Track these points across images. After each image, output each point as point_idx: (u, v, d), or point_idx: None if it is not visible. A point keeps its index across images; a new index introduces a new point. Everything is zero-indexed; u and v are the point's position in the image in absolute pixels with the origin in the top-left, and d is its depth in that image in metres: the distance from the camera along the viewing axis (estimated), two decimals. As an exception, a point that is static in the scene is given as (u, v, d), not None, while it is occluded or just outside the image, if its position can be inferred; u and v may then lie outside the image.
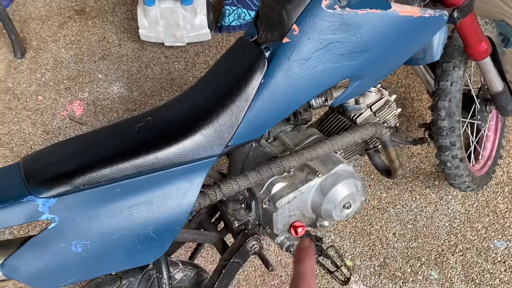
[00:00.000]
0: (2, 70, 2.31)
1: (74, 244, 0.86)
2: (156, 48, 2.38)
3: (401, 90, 2.15)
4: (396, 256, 1.70)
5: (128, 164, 0.90)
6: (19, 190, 0.83)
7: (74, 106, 2.17)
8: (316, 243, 1.23)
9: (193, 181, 0.97)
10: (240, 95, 0.96)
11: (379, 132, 1.19)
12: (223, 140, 0.98)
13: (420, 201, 1.83)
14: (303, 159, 1.10)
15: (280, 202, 1.15)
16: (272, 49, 0.96)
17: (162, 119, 0.98)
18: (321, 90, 1.02)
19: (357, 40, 0.98)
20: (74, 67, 2.32)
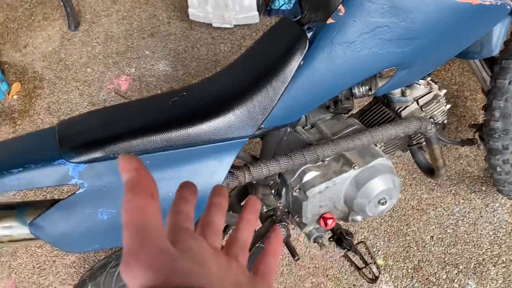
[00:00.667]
0: (56, 41, 2.39)
1: (101, 212, 0.87)
2: (204, 28, 2.37)
3: (454, 88, 2.03)
4: (432, 261, 1.62)
5: (160, 137, 0.89)
6: (52, 153, 0.84)
7: (120, 80, 2.22)
8: (346, 237, 1.18)
9: (222, 160, 0.95)
10: (277, 76, 0.92)
11: (424, 127, 1.12)
12: (256, 122, 0.95)
13: (464, 205, 1.72)
14: (339, 149, 1.06)
15: (312, 191, 1.11)
16: (315, 30, 0.92)
17: (196, 96, 0.97)
18: (363, 77, 0.97)
19: (407, 25, 0.92)
20: (123, 43, 2.36)
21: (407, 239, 1.67)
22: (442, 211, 1.72)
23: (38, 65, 2.31)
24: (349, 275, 1.61)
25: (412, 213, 1.73)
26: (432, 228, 1.69)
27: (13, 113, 2.15)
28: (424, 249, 1.65)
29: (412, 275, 1.60)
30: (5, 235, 0.85)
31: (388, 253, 1.65)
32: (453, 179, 1.79)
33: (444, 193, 1.76)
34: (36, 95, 2.20)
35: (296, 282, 1.62)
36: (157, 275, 0.27)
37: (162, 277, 0.27)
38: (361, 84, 1.15)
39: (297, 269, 1.64)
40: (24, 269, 1.71)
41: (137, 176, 0.30)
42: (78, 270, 1.71)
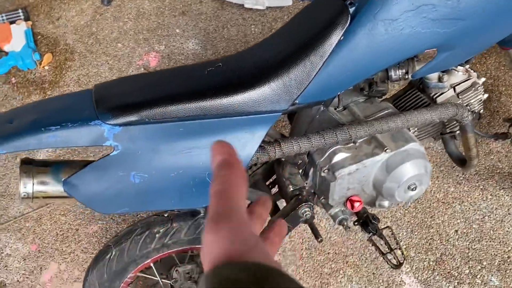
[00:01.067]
0: (89, 15, 2.42)
1: (133, 175, 0.88)
2: (235, 9, 2.36)
3: (489, 82, 1.98)
4: (455, 255, 1.59)
5: (194, 105, 0.89)
6: (88, 113, 0.85)
7: (150, 57, 2.23)
8: (372, 221, 1.17)
9: (254, 133, 0.95)
10: (315, 50, 0.91)
11: (461, 114, 1.09)
12: (291, 96, 0.94)
13: (492, 202, 1.68)
14: (372, 130, 1.04)
15: (341, 172, 1.10)
16: (357, 5, 0.90)
17: (232, 67, 0.96)
18: (404, 56, 0.95)
19: (454, 5, 0.89)
20: (154, 20, 2.37)
21: (431, 231, 1.65)
22: (468, 205, 1.69)
23: (70, 38, 2.34)
24: (369, 263, 1.60)
25: (438, 206, 1.70)
26: (457, 222, 1.66)
27: (44, 83, 2.18)
28: (447, 242, 1.62)
29: (434, 268, 1.57)
30: (40, 190, 0.86)
31: (410, 244, 1.63)
32: (482, 174, 1.75)
33: (472, 188, 1.72)
34: (66, 67, 2.23)
35: (314, 267, 1.61)
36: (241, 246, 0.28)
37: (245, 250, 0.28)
38: (398, 67, 1.12)
39: (317, 254, 1.64)
40: (48, 235, 1.75)
41: (233, 159, 0.33)
42: (100, 239, 1.74)
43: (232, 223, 0.29)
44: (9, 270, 1.68)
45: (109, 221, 1.76)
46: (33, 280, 1.65)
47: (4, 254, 1.71)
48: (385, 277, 1.57)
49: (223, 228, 0.29)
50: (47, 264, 1.68)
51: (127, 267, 1.15)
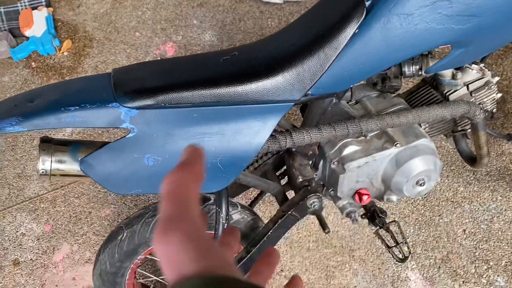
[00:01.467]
0: (109, 3, 2.45)
1: (147, 157, 0.91)
2: (253, 2, 2.38)
3: (504, 83, 1.97)
4: (462, 254, 1.60)
5: (208, 92, 0.91)
6: (106, 96, 0.88)
7: (166, 46, 2.26)
8: (379, 215, 1.18)
9: (266, 122, 0.96)
10: (330, 42, 0.92)
11: (473, 112, 1.10)
12: (304, 87, 0.95)
13: (501, 203, 1.68)
14: (383, 124, 1.05)
15: (350, 165, 1.11)
16: (373, -1, 0.91)
17: (247, 56, 0.98)
18: (417, 51, 0.96)
19: (469, 2, 0.89)
20: (172, 10, 2.39)
21: (438, 229, 1.65)
22: (477, 206, 1.68)
23: (89, 25, 2.38)
24: (375, 258, 1.61)
25: (446, 205, 1.70)
26: (465, 222, 1.66)
27: (62, 69, 2.22)
28: (454, 241, 1.62)
29: (440, 266, 1.58)
30: (58, 168, 0.90)
31: (417, 241, 1.63)
32: (493, 175, 1.74)
33: (482, 188, 1.72)
34: (85, 54, 2.27)
35: (321, 259, 1.63)
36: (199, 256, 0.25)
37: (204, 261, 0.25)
38: (412, 62, 1.13)
39: (324, 247, 1.65)
40: (62, 217, 1.80)
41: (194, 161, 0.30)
42: (112, 223, 1.78)
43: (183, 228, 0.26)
44: (23, 248, 1.73)
45: (121, 206, 1.80)
46: (45, 259, 1.70)
47: (19, 233, 1.76)
48: (391, 272, 1.58)
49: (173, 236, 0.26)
50: (59, 245, 1.73)
51: (137, 248, 1.19)
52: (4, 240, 1.74)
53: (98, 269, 1.22)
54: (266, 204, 1.76)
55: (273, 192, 1.28)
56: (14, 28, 2.30)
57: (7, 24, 2.31)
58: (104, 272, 1.21)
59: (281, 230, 1.20)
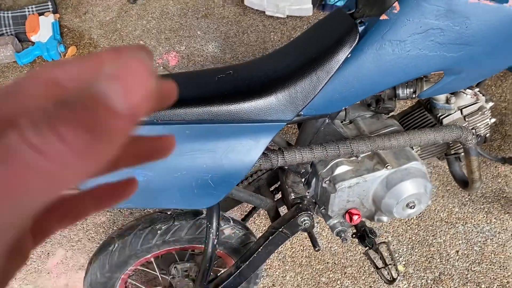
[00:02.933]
0: (114, 11, 2.48)
1: (138, 173, 0.92)
2: (257, 15, 2.40)
3: (503, 105, 1.97)
4: (454, 275, 1.59)
5: (202, 109, 0.92)
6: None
7: (170, 56, 2.28)
8: (369, 236, 1.19)
9: (258, 140, 0.98)
10: (323, 65, 0.94)
11: (465, 137, 1.11)
12: (296, 108, 0.97)
13: (495, 225, 1.68)
14: (374, 146, 1.06)
15: (341, 184, 1.12)
16: (367, 25, 0.93)
17: (242, 75, 1.00)
18: (409, 77, 0.97)
19: (461, 31, 0.91)
20: (177, 20, 2.42)
21: (431, 250, 1.65)
22: (471, 227, 1.68)
23: (95, 33, 2.41)
24: (367, 276, 1.61)
25: (440, 225, 1.70)
26: (458, 243, 1.66)
27: (66, 75, 2.25)
28: (447, 262, 1.62)
29: (431, 286, 1.58)
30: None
31: (410, 260, 1.63)
32: (488, 197, 1.74)
33: (476, 210, 1.72)
34: (89, 61, 2.30)
35: (313, 275, 1.63)
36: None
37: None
38: (406, 85, 1.14)
39: (316, 263, 1.66)
40: (58, 222, 1.81)
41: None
42: (107, 230, 1.79)
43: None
44: (18, 252, 1.74)
45: (116, 214, 1.81)
46: (39, 264, 1.71)
47: (15, 236, 1.78)
48: (382, 291, 1.58)
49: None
50: (54, 250, 1.74)
51: (128, 259, 1.20)
52: None
53: (89, 279, 1.23)
54: (261, 218, 1.77)
55: (265, 207, 1.29)
56: (20, 33, 2.34)
57: (14, 29, 2.34)
58: (95, 282, 1.22)
59: (272, 247, 1.21)
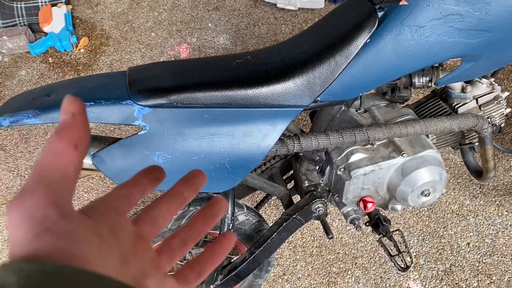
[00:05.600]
0: (126, 3, 2.50)
1: (157, 155, 0.93)
2: (268, 8, 2.40)
3: (515, 98, 1.96)
4: (465, 267, 1.59)
5: (220, 93, 0.93)
6: (121, 93, 0.90)
7: (181, 48, 2.29)
8: (383, 223, 1.19)
9: (275, 126, 0.98)
10: (341, 50, 0.94)
11: (481, 125, 1.11)
12: (314, 93, 0.97)
13: (507, 218, 1.68)
14: (390, 134, 1.07)
15: (356, 172, 1.12)
16: (386, 10, 0.93)
17: (260, 60, 1.00)
18: (427, 63, 0.97)
19: (481, 17, 0.91)
20: (188, 12, 2.43)
21: (442, 241, 1.65)
22: (483, 219, 1.68)
23: (107, 24, 2.42)
24: (378, 267, 1.62)
25: (451, 217, 1.70)
26: (469, 235, 1.66)
27: (78, 65, 2.27)
28: (458, 254, 1.62)
29: (442, 278, 1.58)
30: (71, 161, 0.92)
31: (420, 252, 1.64)
32: (500, 190, 1.74)
33: (488, 203, 1.72)
34: (101, 52, 2.31)
35: (323, 265, 1.64)
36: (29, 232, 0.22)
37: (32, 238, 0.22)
38: (422, 74, 1.14)
39: (327, 253, 1.66)
40: (70, 210, 1.83)
41: (70, 121, 0.26)
42: (119, 219, 1.80)
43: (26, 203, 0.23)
44: (32, 239, 1.76)
45: (128, 202, 1.83)
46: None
47: (28, 223, 1.79)
48: (392, 281, 1.58)
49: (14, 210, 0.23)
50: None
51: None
52: (13, 230, 1.78)
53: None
54: (272, 208, 1.78)
55: (279, 195, 1.30)
56: (33, 24, 2.35)
57: (27, 19, 2.36)
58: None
59: (285, 233, 1.21)
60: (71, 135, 0.26)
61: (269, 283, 1.61)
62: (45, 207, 0.23)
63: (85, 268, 0.21)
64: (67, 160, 0.25)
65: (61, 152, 0.25)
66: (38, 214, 0.23)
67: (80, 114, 0.26)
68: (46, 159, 0.25)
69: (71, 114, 0.26)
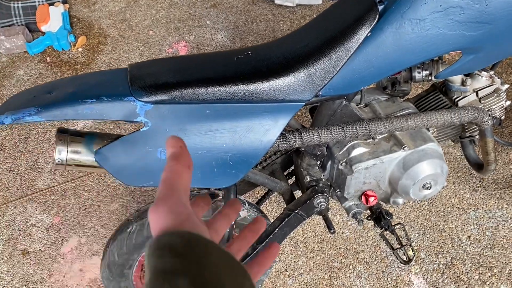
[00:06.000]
0: (124, 1, 2.49)
1: (160, 151, 0.93)
2: (266, 4, 2.40)
3: (514, 92, 1.97)
4: (466, 260, 1.60)
5: (222, 89, 0.93)
6: (123, 89, 0.90)
7: (179, 46, 2.29)
8: (385, 217, 1.19)
9: (277, 121, 0.98)
10: (342, 44, 0.94)
11: (481, 118, 1.11)
12: (315, 88, 0.97)
13: (507, 211, 1.69)
14: (392, 127, 1.07)
15: (358, 166, 1.13)
16: (386, 3, 0.93)
17: (260, 56, 1.00)
18: (428, 56, 0.97)
19: (481, 9, 0.91)
20: (186, 10, 2.43)
21: (443, 235, 1.66)
22: (483, 213, 1.69)
23: (104, 23, 2.41)
24: (379, 261, 1.62)
25: (452, 211, 1.71)
26: (470, 228, 1.66)
27: (76, 64, 2.26)
28: (459, 247, 1.63)
29: (443, 271, 1.59)
30: (73, 158, 0.92)
31: (421, 246, 1.64)
32: (500, 183, 1.75)
33: (488, 196, 1.72)
34: (99, 50, 2.31)
35: (325, 260, 1.64)
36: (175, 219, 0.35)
37: (178, 221, 0.35)
38: (422, 67, 1.15)
39: (328, 248, 1.67)
40: (71, 209, 1.83)
41: (180, 151, 0.40)
42: (120, 217, 1.80)
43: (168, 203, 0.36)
44: (33, 239, 1.76)
45: (129, 200, 1.83)
46: (54, 250, 1.73)
47: (29, 223, 1.79)
48: (394, 276, 1.59)
49: (160, 208, 0.36)
50: (68, 237, 1.76)
51: (145, 241, 1.21)
52: (14, 230, 1.78)
53: (107, 260, 1.24)
54: (273, 204, 1.78)
55: (281, 191, 1.30)
56: (30, 23, 2.35)
57: (24, 19, 2.35)
58: (113, 263, 1.24)
59: (287, 228, 1.22)
60: (184, 160, 0.39)
61: (271, 279, 1.62)
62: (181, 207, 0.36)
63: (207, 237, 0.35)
64: (185, 176, 0.39)
65: (180, 171, 0.38)
66: (179, 210, 0.36)
67: (185, 146, 0.40)
68: (171, 176, 0.38)
69: (179, 147, 0.40)
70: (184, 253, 0.32)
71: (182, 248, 0.33)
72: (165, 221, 0.35)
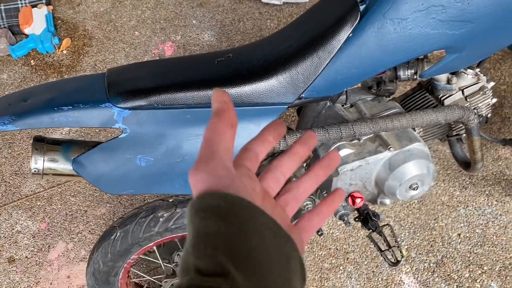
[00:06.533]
0: (109, 2, 2.46)
1: (139, 158, 0.91)
2: (253, 3, 2.38)
3: (502, 87, 1.97)
4: (456, 258, 1.60)
5: (202, 93, 0.91)
6: (100, 96, 0.88)
7: (165, 46, 2.26)
8: (372, 218, 1.18)
9: (260, 124, 0.97)
10: (324, 45, 0.93)
11: (467, 117, 1.10)
12: (298, 90, 0.96)
13: (497, 207, 1.68)
14: (377, 128, 1.06)
15: (343, 167, 1.11)
16: (368, 3, 0.91)
17: (241, 58, 0.98)
18: (411, 56, 0.96)
19: (463, 7, 0.90)
20: (172, 10, 2.40)
21: (433, 233, 1.65)
22: (473, 210, 1.69)
23: (89, 24, 2.38)
24: (370, 261, 1.61)
25: (442, 209, 1.70)
26: (460, 226, 1.66)
27: (61, 67, 2.23)
28: (449, 245, 1.62)
29: (434, 270, 1.58)
30: (50, 167, 0.90)
31: (412, 244, 1.63)
32: (489, 179, 1.74)
33: (477, 193, 1.72)
34: (84, 52, 2.27)
35: (315, 261, 1.63)
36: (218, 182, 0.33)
37: (221, 185, 0.33)
38: (407, 66, 1.13)
39: (318, 249, 1.66)
40: (58, 215, 1.80)
41: (225, 107, 0.36)
42: (107, 222, 1.78)
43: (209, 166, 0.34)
44: (19, 246, 1.73)
45: (116, 205, 1.80)
46: (41, 257, 1.70)
47: (14, 230, 1.76)
48: (385, 275, 1.58)
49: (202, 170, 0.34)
50: (55, 243, 1.73)
51: (130, 248, 1.19)
52: (0, 238, 1.75)
53: (92, 268, 1.22)
54: (262, 205, 1.76)
55: (267, 193, 1.28)
56: (13, 26, 2.31)
57: (7, 22, 2.31)
58: (97, 271, 1.22)
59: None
60: (227, 117, 0.36)
61: (261, 281, 1.60)
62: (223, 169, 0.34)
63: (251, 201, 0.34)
64: (228, 136, 0.36)
65: (222, 130, 0.35)
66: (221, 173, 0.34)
67: (230, 101, 0.37)
68: (213, 135, 0.35)
69: (223, 102, 0.37)
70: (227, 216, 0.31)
71: (226, 212, 0.32)
72: (206, 185, 0.33)
